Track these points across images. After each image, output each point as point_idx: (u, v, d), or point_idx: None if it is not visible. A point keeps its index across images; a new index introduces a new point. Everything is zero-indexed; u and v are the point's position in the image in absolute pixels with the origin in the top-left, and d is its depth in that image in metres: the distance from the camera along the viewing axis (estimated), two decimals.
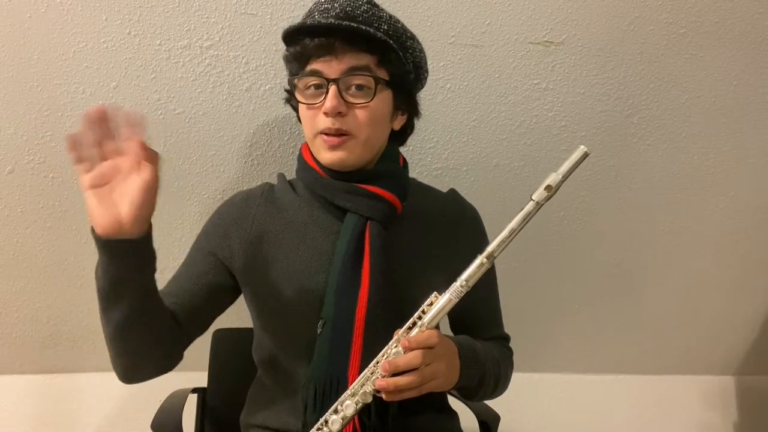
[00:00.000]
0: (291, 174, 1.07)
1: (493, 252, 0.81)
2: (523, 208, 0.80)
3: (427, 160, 1.39)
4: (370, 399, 0.80)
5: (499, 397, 1.03)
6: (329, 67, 0.89)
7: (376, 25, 0.90)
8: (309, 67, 0.91)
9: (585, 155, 0.79)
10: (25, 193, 1.29)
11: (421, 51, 0.99)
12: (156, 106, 1.26)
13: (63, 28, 1.18)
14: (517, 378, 1.05)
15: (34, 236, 1.33)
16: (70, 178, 1.29)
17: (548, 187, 0.78)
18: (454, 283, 0.81)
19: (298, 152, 1.03)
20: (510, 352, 1.06)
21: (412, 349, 0.79)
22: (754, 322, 1.75)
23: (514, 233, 0.80)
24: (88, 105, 1.24)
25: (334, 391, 0.86)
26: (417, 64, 0.99)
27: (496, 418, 1.12)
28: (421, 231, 1.00)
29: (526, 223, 0.80)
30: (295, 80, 0.93)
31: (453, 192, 1.09)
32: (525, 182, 1.42)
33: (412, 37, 0.97)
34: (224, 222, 1.00)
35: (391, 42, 0.91)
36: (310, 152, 0.99)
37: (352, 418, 0.81)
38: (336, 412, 0.81)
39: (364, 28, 0.88)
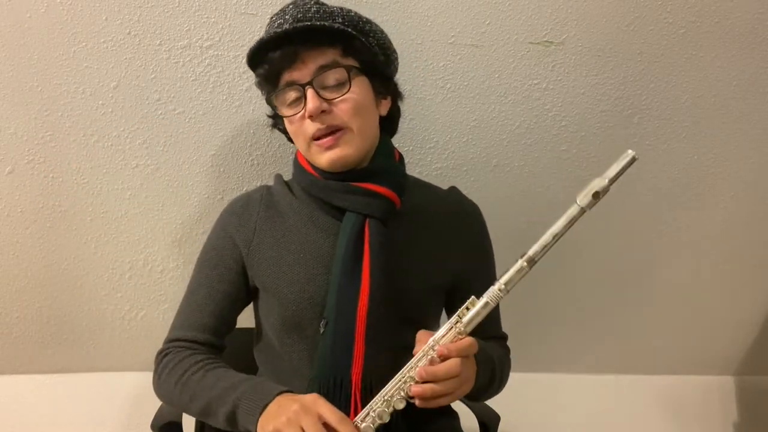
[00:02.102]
0: (288, 174, 1.07)
1: (533, 256, 0.79)
2: (566, 212, 0.80)
3: (427, 160, 1.39)
4: (403, 405, 0.78)
5: (500, 397, 1.02)
6: (299, 73, 0.90)
7: (329, 20, 0.91)
8: (281, 79, 0.92)
9: (633, 160, 0.80)
10: (25, 193, 1.29)
11: (382, 32, 0.99)
12: (156, 106, 1.26)
13: (63, 28, 1.18)
14: (517, 378, 1.05)
15: (34, 236, 1.33)
16: (70, 178, 1.29)
17: (596, 194, 0.80)
18: (492, 286, 0.79)
19: (293, 156, 1.03)
20: (508, 351, 1.07)
21: (450, 357, 0.78)
22: (754, 322, 1.75)
23: (556, 237, 0.80)
24: (88, 105, 1.24)
25: (338, 389, 0.86)
26: (382, 45, 0.98)
27: (496, 418, 1.12)
28: (422, 228, 1.00)
29: (569, 227, 0.80)
30: (273, 99, 0.94)
31: (454, 189, 1.09)
32: (525, 182, 1.43)
33: (369, 21, 0.97)
34: (228, 232, 1.00)
35: (349, 30, 0.92)
36: (305, 156, 0.99)
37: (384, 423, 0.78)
38: (366, 418, 0.77)
39: (318, 23, 0.89)
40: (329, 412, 0.74)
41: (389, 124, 1.04)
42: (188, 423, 1.05)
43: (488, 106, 1.35)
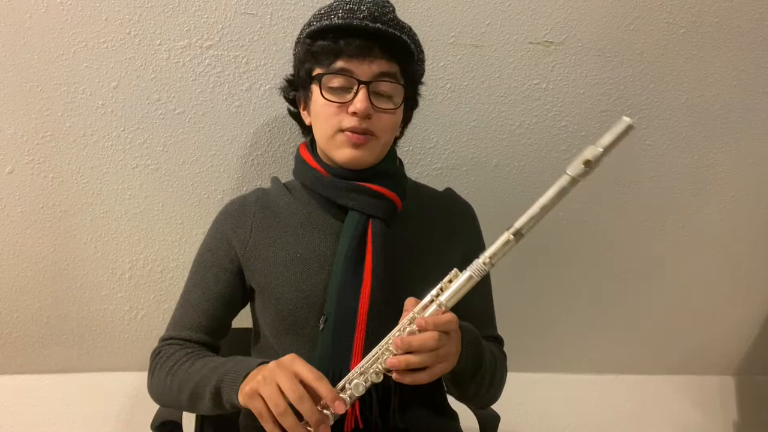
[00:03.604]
0: (285, 177, 1.07)
1: (521, 228, 0.74)
2: (556, 182, 0.72)
3: (427, 160, 1.39)
4: (380, 378, 0.76)
5: (499, 397, 1.02)
6: (360, 68, 0.89)
7: (400, 32, 0.91)
8: (338, 64, 0.90)
9: (629, 128, 0.72)
10: (25, 193, 1.29)
11: (424, 64, 1.02)
12: (156, 106, 1.26)
13: (63, 28, 1.18)
14: (517, 378, 1.05)
15: (34, 236, 1.33)
16: (70, 178, 1.29)
17: (587, 162, 0.72)
18: (477, 259, 0.76)
19: (295, 152, 1.03)
20: (504, 355, 1.05)
21: (429, 330, 0.75)
22: (754, 322, 1.75)
23: (545, 210, 0.73)
24: (88, 105, 1.24)
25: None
26: (422, 76, 1.02)
27: (496, 418, 1.12)
28: (420, 229, 1.01)
29: (560, 199, 0.72)
30: (322, 77, 0.91)
31: (449, 190, 1.10)
32: (525, 182, 1.43)
33: (423, 51, 1.00)
34: (224, 233, 1.01)
35: (416, 54, 0.94)
36: (309, 152, 1.00)
37: (360, 396, 0.77)
38: (343, 390, 0.76)
39: (403, 37, 0.90)
40: (306, 371, 0.73)
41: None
42: (188, 423, 1.05)
43: (488, 106, 1.35)
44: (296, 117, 1.05)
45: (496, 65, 1.32)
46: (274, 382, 0.72)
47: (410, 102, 1.01)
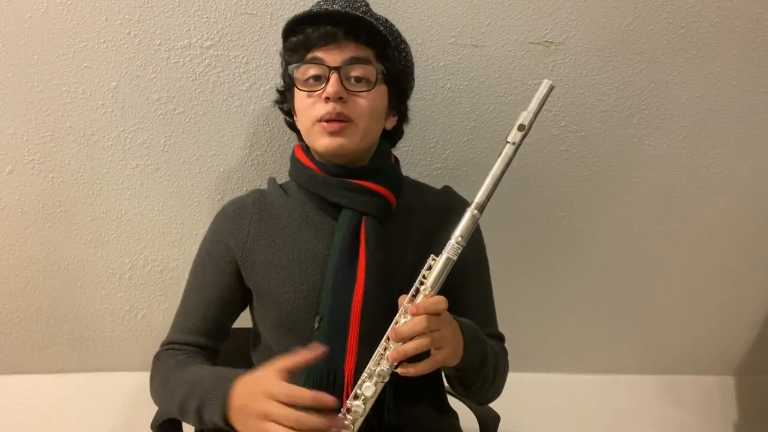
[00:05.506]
0: (284, 178, 1.07)
1: (481, 202, 0.81)
2: (501, 153, 0.80)
3: (427, 160, 1.39)
4: (388, 376, 0.78)
5: (500, 397, 1.02)
6: (330, 55, 0.91)
7: (363, 15, 0.92)
8: (309, 55, 0.93)
9: (551, 88, 0.79)
10: (25, 193, 1.29)
11: (412, 58, 1.02)
12: (156, 106, 1.26)
13: (63, 28, 1.18)
14: (517, 378, 1.05)
15: (34, 236, 1.33)
16: (70, 178, 1.29)
17: (521, 126, 0.79)
18: (450, 240, 0.80)
19: (291, 154, 1.04)
20: (505, 352, 1.05)
21: (418, 315, 0.77)
22: (754, 322, 1.75)
23: (497, 180, 0.81)
24: (88, 105, 1.24)
25: (331, 385, 0.86)
26: (408, 67, 1.02)
27: (496, 418, 1.12)
28: (416, 226, 1.01)
29: (507, 167, 0.81)
30: (295, 69, 0.94)
31: (447, 188, 1.10)
32: (525, 182, 1.42)
33: (405, 42, 1.00)
34: (222, 236, 1.01)
35: (390, 39, 0.94)
36: (304, 152, 1.00)
37: (374, 399, 0.79)
38: (356, 397, 0.79)
39: (369, 19, 0.91)
40: (296, 395, 0.73)
41: (390, 138, 1.07)
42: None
43: (488, 106, 1.35)
44: (293, 127, 1.06)
45: (496, 65, 1.32)
46: (267, 419, 0.72)
47: (396, 91, 1.00)
